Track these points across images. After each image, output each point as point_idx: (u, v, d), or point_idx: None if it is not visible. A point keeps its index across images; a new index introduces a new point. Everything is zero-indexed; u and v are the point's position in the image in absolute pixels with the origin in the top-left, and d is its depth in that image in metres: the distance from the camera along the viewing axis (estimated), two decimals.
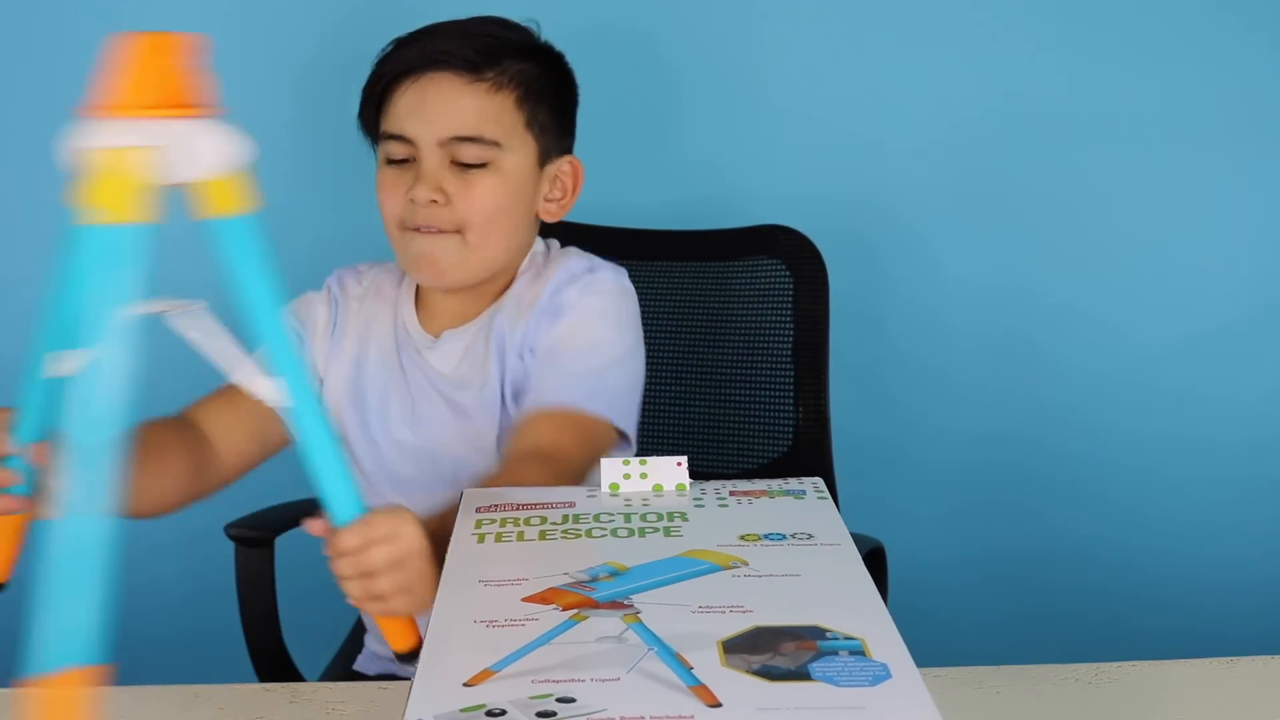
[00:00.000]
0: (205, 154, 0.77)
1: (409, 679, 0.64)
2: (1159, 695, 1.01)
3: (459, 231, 1.21)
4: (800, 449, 1.49)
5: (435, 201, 1.20)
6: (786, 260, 1.54)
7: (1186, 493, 1.92)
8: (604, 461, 0.91)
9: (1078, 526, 1.93)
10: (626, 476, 0.90)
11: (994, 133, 1.84)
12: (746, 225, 1.63)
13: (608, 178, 1.42)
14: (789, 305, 1.52)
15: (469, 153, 1.21)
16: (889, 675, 0.61)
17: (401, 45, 1.25)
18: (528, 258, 1.30)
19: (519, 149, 1.23)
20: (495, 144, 1.21)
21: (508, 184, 1.23)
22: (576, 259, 1.29)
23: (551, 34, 1.30)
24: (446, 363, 1.27)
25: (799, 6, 1.81)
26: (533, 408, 1.20)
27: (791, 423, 1.50)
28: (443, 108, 1.20)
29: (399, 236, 1.23)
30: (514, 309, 1.26)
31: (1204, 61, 1.83)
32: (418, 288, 1.32)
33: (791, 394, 1.51)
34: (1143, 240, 1.87)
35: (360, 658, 1.38)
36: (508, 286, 1.28)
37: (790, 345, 1.51)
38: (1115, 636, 1.91)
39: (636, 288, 1.51)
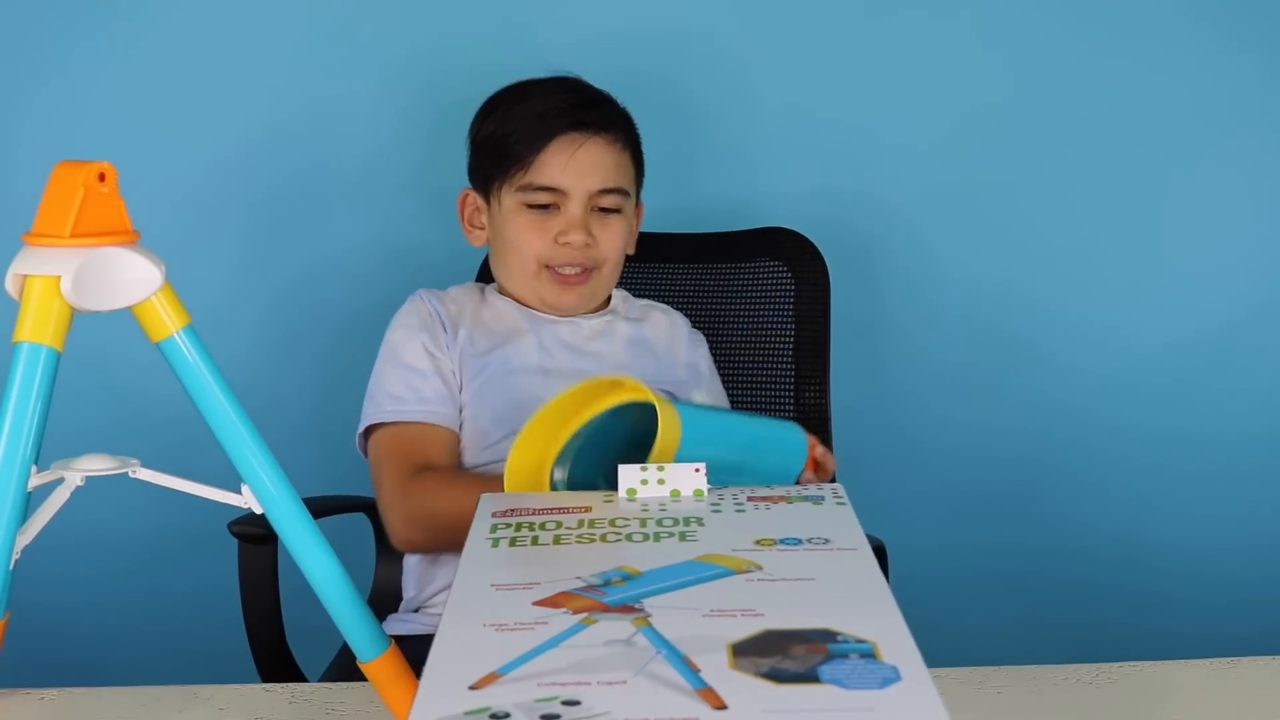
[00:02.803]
0: (121, 280, 0.77)
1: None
2: (1160, 696, 1.01)
3: (596, 268, 1.41)
4: None
5: (587, 244, 1.39)
6: (788, 262, 1.54)
7: (1190, 488, 1.92)
8: (621, 468, 0.91)
9: (1080, 523, 1.93)
10: (644, 482, 0.90)
11: (993, 133, 1.84)
12: (748, 228, 1.63)
13: None
14: (790, 307, 1.53)
15: (609, 200, 1.41)
16: (899, 678, 0.61)
17: (530, 106, 1.41)
18: None
19: (632, 196, 1.45)
20: (626, 193, 1.43)
21: (628, 225, 1.45)
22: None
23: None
24: (578, 334, 1.44)
25: (799, 9, 1.81)
26: None
27: None
28: (595, 165, 1.40)
29: (535, 272, 1.41)
30: (644, 323, 1.47)
31: (1203, 62, 1.83)
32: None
33: (792, 395, 1.51)
34: (1143, 238, 1.87)
35: (391, 618, 1.41)
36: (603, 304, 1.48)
37: (791, 346, 1.52)
38: (1117, 634, 1.91)
39: (639, 290, 1.53)
